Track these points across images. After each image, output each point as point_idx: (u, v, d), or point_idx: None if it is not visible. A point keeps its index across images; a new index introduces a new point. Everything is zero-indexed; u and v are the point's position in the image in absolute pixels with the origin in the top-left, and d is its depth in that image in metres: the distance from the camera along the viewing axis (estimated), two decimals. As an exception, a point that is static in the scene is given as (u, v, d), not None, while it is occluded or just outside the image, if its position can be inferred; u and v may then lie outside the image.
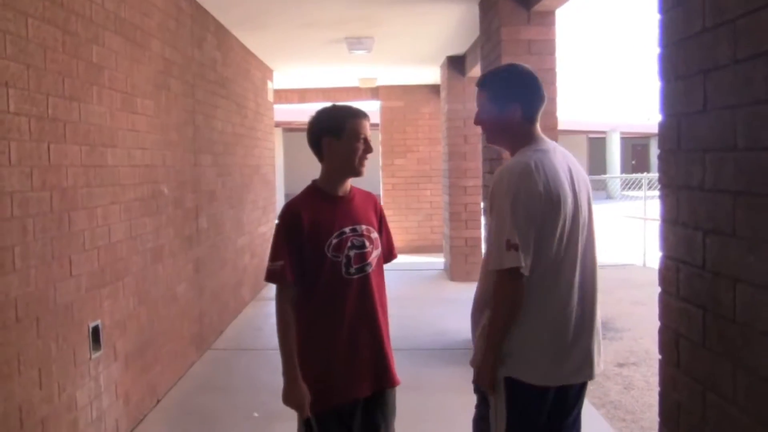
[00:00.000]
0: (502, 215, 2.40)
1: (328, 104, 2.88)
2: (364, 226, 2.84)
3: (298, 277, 2.70)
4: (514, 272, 2.37)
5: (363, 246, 2.80)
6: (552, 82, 5.22)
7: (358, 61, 9.68)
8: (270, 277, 2.72)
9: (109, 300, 4.20)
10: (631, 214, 14.10)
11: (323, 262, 2.71)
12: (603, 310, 8.12)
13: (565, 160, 2.57)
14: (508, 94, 2.56)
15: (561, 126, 5.57)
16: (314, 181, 2.87)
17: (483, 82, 2.66)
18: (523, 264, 2.36)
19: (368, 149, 2.79)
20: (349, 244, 2.76)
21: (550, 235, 2.42)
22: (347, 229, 2.79)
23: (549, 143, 2.59)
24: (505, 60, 5.24)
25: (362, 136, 2.77)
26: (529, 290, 2.40)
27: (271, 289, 9.00)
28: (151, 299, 4.91)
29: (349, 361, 2.75)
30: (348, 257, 2.76)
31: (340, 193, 2.84)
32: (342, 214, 2.81)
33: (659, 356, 2.33)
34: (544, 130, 2.65)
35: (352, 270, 2.76)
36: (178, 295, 5.51)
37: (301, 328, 2.72)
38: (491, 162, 5.87)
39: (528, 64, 2.73)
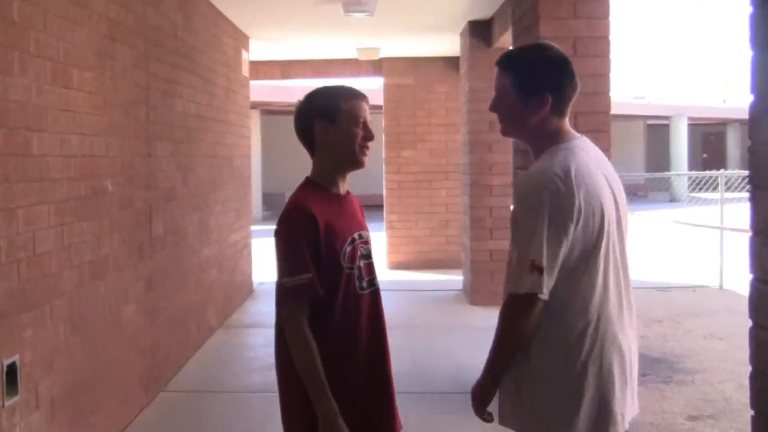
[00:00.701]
0: (528, 230, 2.51)
1: (318, 86, 3.03)
2: (366, 233, 3.05)
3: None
4: (531, 298, 2.50)
5: (370, 255, 3.01)
6: (604, 53, 5.24)
7: (357, 27, 9.69)
8: (295, 294, 2.79)
9: (31, 329, 4.15)
10: (703, 222, 14.01)
11: (340, 275, 2.87)
12: (667, 344, 7.83)
13: (597, 159, 2.71)
14: (537, 82, 2.65)
15: (612, 109, 5.52)
16: (309, 178, 3.00)
17: (506, 63, 2.74)
18: (544, 290, 2.48)
19: (369, 135, 2.95)
20: (359, 252, 2.94)
21: (589, 256, 2.54)
22: (356, 235, 2.97)
23: (580, 139, 2.71)
24: (544, 26, 5.25)
25: (361, 119, 2.92)
26: (548, 318, 2.53)
27: (248, 313, 9.44)
28: (88, 327, 4.88)
29: (368, 398, 2.94)
30: (359, 268, 2.94)
31: (342, 191, 3.02)
32: (349, 217, 2.99)
33: (751, 411, 2.30)
34: (593, 114, 2.61)
35: (364, 283, 2.96)
36: (124, 320, 5.50)
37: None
38: (524, 155, 5.80)
39: (574, 30, 2.74)
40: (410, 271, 12.42)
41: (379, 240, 12.14)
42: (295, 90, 18.84)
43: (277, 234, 2.87)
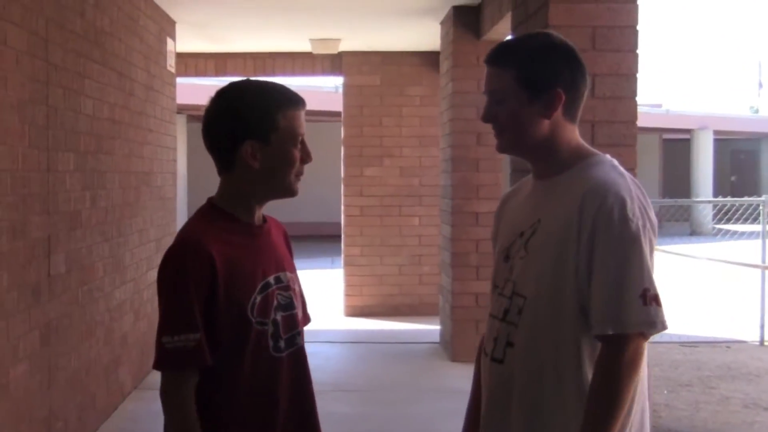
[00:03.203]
0: (627, 253, 2.55)
1: (239, 79, 2.93)
2: (288, 274, 2.95)
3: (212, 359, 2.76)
4: (643, 338, 2.57)
5: (291, 305, 2.91)
6: (630, 47, 5.22)
7: (311, 12, 9.71)
8: (176, 361, 2.69)
9: None
10: (736, 260, 14.03)
11: (247, 333, 2.77)
12: (699, 416, 7.81)
13: None
14: (548, 74, 2.67)
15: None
16: (212, 202, 2.92)
17: (505, 57, 2.73)
18: (666, 321, 2.57)
19: (307, 157, 2.87)
20: (275, 302, 2.84)
21: None
22: (272, 279, 2.86)
23: (603, 154, 2.77)
24: (555, 12, 5.29)
25: (300, 136, 2.83)
26: None
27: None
28: (-36, 390, 4.76)
29: None
30: (276, 323, 2.83)
31: (256, 220, 2.91)
32: (264, 254, 2.88)
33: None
34: (613, 124, 2.63)
35: (282, 343, 2.85)
36: (12, 384, 5.40)
37: None
38: (524, 176, 5.71)
39: (593, 17, 2.81)
40: (374, 318, 12.37)
41: (335, 280, 12.05)
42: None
43: (161, 277, 2.77)
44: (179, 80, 11.04)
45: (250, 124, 2.78)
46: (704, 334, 11.49)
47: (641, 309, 2.51)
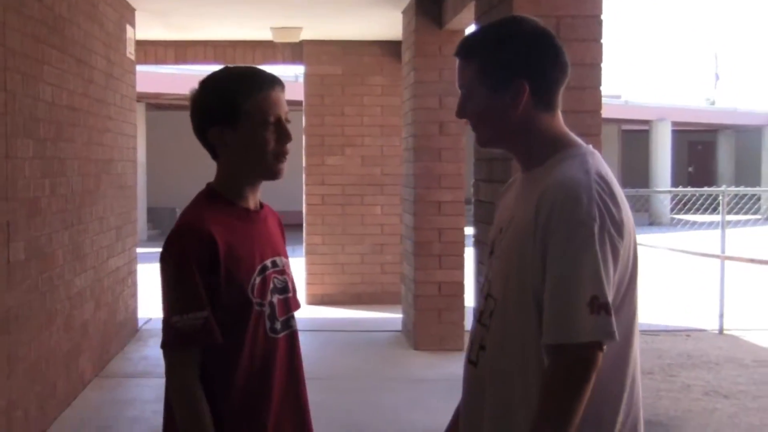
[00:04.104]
0: (577, 257, 2.41)
1: (219, 68, 2.98)
2: (283, 259, 3.02)
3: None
4: (596, 348, 2.39)
5: (286, 289, 2.97)
6: (595, 37, 5.22)
7: (272, 1, 9.72)
8: (185, 338, 2.74)
9: None
10: (695, 250, 14.15)
11: (247, 313, 2.83)
12: (660, 403, 7.87)
13: None
14: (508, 65, 2.59)
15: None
16: (210, 187, 2.96)
17: (467, 49, 2.67)
18: (615, 333, 2.39)
19: (284, 137, 2.86)
20: (271, 285, 2.90)
21: (625, 293, 2.52)
22: (269, 263, 2.92)
23: (586, 145, 2.66)
24: (519, 1, 5.13)
25: (271, 117, 2.83)
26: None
27: (131, 359, 9.33)
28: None
29: None
30: (272, 305, 2.89)
31: (252, 205, 2.97)
32: (261, 239, 2.94)
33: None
34: (578, 114, 2.55)
35: (278, 325, 2.91)
36: None
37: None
38: (490, 165, 5.72)
39: (557, 6, 2.71)
40: (335, 307, 12.38)
41: (297, 268, 12.01)
42: (192, 78, 18.57)
43: (164, 260, 2.81)
44: (138, 68, 10.95)
45: (213, 110, 2.84)
46: (665, 323, 11.57)
47: (587, 318, 2.35)
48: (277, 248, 3.00)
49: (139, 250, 10.81)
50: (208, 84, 2.89)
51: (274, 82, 2.86)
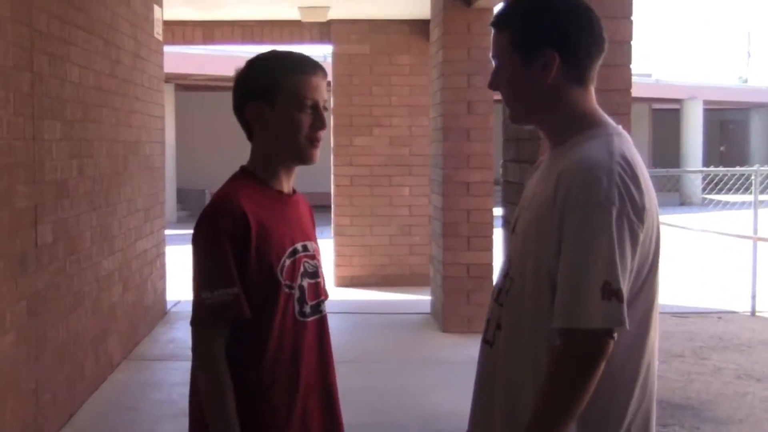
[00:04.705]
0: (592, 240, 2.36)
1: (250, 48, 2.94)
2: (314, 245, 3.05)
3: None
4: (607, 336, 2.34)
5: (316, 274, 3.00)
6: (625, 14, 5.18)
7: None
8: (214, 314, 2.77)
9: None
10: (727, 231, 14.05)
11: (276, 295, 2.85)
12: (692, 387, 7.79)
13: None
14: (537, 34, 2.55)
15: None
16: (244, 168, 3.01)
17: (502, 19, 2.65)
18: (626, 321, 2.34)
19: (318, 123, 2.92)
20: (302, 268, 2.93)
21: (645, 279, 2.48)
22: (299, 246, 2.95)
23: (615, 125, 2.61)
24: None
25: (308, 101, 2.88)
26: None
27: (159, 341, 9.37)
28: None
29: None
30: (302, 289, 2.92)
31: (286, 188, 3.00)
32: (293, 223, 2.98)
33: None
34: (608, 92, 2.49)
35: (307, 309, 2.93)
36: None
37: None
38: (518, 145, 5.67)
39: None
40: (364, 289, 12.40)
41: (325, 250, 12.04)
42: (220, 59, 18.85)
43: (196, 236, 2.85)
44: (166, 48, 10.98)
45: (254, 85, 2.91)
46: (696, 304, 11.52)
47: (598, 303, 2.30)
48: (308, 233, 3.04)
49: (168, 231, 10.86)
50: (252, 62, 2.96)
51: (316, 67, 2.91)
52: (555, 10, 2.55)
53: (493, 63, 2.64)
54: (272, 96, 2.87)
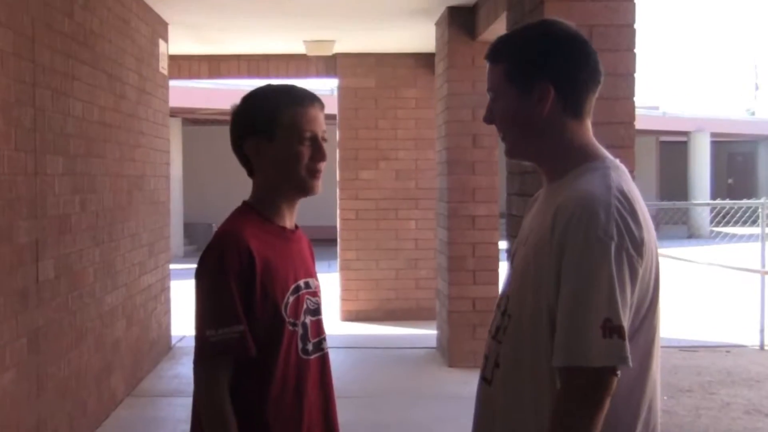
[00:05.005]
0: (591, 276, 2.33)
1: (254, 82, 2.90)
2: (315, 281, 3.06)
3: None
4: (609, 374, 2.31)
5: (318, 311, 3.01)
6: (628, 47, 5.20)
7: (305, 13, 9.70)
8: (219, 353, 2.75)
9: None
10: (735, 264, 14.00)
11: (280, 332, 2.84)
12: (700, 422, 7.71)
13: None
14: (532, 66, 2.54)
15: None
16: (247, 203, 3.01)
17: (497, 52, 2.63)
18: (629, 358, 2.31)
19: (318, 155, 2.92)
20: (305, 306, 2.93)
21: (644, 315, 2.45)
22: (302, 283, 2.95)
23: (612, 158, 2.58)
24: (550, 10, 5.21)
25: (307, 133, 2.89)
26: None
27: (164, 377, 9.31)
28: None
29: None
30: (305, 326, 2.92)
31: (288, 223, 3.01)
32: (296, 259, 2.97)
33: None
34: (611, 125, 2.47)
35: (310, 346, 2.94)
36: None
37: None
38: (523, 178, 5.66)
39: (590, 15, 2.67)
40: (370, 323, 12.34)
41: (331, 284, 12.05)
42: (227, 93, 18.83)
43: (200, 271, 2.83)
44: (173, 83, 11.03)
45: (253, 121, 2.91)
46: (704, 338, 11.45)
47: (600, 341, 2.28)
48: (309, 270, 3.04)
49: (175, 266, 10.85)
50: (248, 98, 2.96)
51: (314, 99, 2.92)
52: (550, 42, 2.54)
53: (489, 96, 2.62)
54: (271, 130, 2.87)
